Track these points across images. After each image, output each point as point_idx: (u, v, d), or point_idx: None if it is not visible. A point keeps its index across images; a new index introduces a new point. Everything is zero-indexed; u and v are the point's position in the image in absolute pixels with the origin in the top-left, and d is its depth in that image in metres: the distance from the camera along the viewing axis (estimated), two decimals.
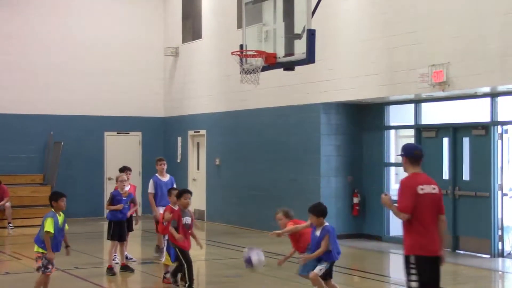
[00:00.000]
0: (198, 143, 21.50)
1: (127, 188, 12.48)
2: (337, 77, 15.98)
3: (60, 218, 9.20)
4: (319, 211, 9.07)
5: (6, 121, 20.71)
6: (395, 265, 14.61)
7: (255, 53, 11.52)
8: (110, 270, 11.89)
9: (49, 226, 8.97)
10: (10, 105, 20.73)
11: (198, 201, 21.03)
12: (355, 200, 16.66)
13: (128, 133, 22.60)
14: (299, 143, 17.07)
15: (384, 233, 16.19)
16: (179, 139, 22.03)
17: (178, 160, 21.88)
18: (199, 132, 21.22)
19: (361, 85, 15.45)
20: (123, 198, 12.21)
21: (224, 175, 19.89)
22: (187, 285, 9.96)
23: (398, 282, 12.05)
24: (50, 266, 9.03)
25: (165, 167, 13.34)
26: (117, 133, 22.42)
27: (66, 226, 9.35)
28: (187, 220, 10.03)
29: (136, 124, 22.59)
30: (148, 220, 17.99)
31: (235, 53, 12.04)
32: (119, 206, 12.05)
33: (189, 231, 10.15)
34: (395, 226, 16.17)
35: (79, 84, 21.59)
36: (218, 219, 19.87)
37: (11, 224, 19.00)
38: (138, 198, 21.49)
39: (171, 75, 22.73)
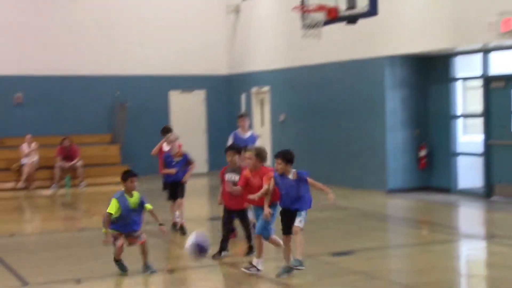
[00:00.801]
0: (261, 100, 21.53)
1: (174, 147, 11.99)
2: (402, 29, 15.72)
3: (133, 198, 8.77)
4: (291, 158, 8.52)
5: (74, 82, 21.11)
6: (464, 217, 14.50)
7: (316, 8, 11.41)
8: (174, 226, 11.87)
9: (110, 207, 8.62)
10: (77, 67, 21.08)
11: None
12: (422, 153, 16.49)
13: (192, 92, 22.77)
14: (363, 97, 16.93)
15: (452, 186, 16.01)
16: (243, 96, 22.10)
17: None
18: (262, 88, 21.24)
19: (426, 36, 15.17)
20: (175, 159, 11.89)
21: (289, 131, 19.90)
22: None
23: (467, 234, 11.96)
24: (119, 238, 8.69)
25: (246, 123, 12.82)
26: (182, 91, 22.62)
27: (148, 206, 8.86)
28: (232, 177, 9.63)
29: (200, 82, 22.73)
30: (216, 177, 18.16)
31: (296, 8, 11.95)
32: (172, 171, 11.78)
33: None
34: (464, 178, 16.00)
35: (143, 44, 21.77)
36: None
37: (83, 183, 19.52)
38: (203, 155, 21.99)
39: (233, 32, 22.71)
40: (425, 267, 9.30)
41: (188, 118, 22.40)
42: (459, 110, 16.13)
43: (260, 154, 8.75)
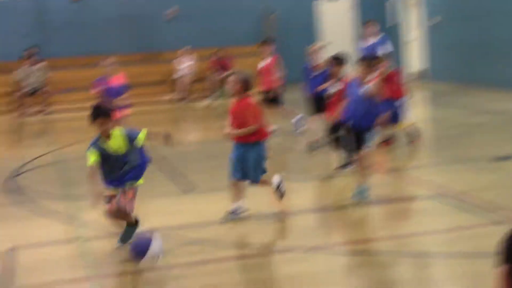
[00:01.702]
0: (414, 3, 20.86)
1: (317, 60, 11.31)
2: None
3: (113, 140, 6.47)
4: (374, 63, 7.93)
5: None
6: None
7: None
8: (316, 143, 11.03)
9: (88, 160, 6.44)
10: None
11: (420, 60, 20.67)
12: None
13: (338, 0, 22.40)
14: None
15: None
16: (389, 1, 21.48)
17: (392, 23, 21.45)
18: None
19: None
20: (315, 72, 11.16)
21: (446, 33, 19.21)
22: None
23: None
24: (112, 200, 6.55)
25: (368, 30, 12.28)
26: (328, 0, 22.29)
27: (140, 137, 6.54)
28: (331, 88, 9.44)
29: None
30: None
31: None
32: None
33: (331, 100, 9.38)
34: None
35: None
36: (443, 78, 19.44)
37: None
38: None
39: None
40: None
41: (335, 26, 22.12)
42: None
43: (245, 81, 7.27)
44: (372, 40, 12.55)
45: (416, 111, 16.28)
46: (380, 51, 12.10)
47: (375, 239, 6.95)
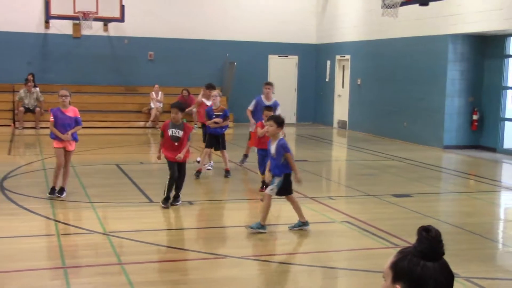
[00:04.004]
0: (343, 66, 21.24)
1: (216, 103, 10.93)
2: (465, 11, 15.10)
3: None
4: (282, 122, 7.34)
5: (194, 45, 21.36)
6: (507, 172, 14.04)
7: None
8: (198, 173, 10.88)
9: None
10: (197, 32, 21.32)
11: (341, 113, 20.98)
12: (475, 117, 15.97)
13: (287, 57, 22.66)
14: (428, 68, 16.45)
15: (498, 146, 15.49)
16: (328, 62, 21.85)
17: (327, 80, 21.79)
18: (344, 57, 20.92)
19: (486, 18, 14.53)
20: (215, 113, 10.87)
21: (364, 93, 19.63)
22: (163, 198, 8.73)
23: (508, 186, 11.60)
24: None
25: (270, 91, 11.46)
26: (278, 56, 22.55)
27: None
28: (174, 132, 8.77)
29: (294, 49, 22.58)
30: (302, 127, 18.06)
31: None
32: (210, 123, 10.81)
33: (176, 143, 8.76)
34: (509, 140, 15.45)
35: (248, 15, 21.76)
36: (358, 128, 19.78)
37: (196, 125, 19.87)
38: (293, 109, 22.00)
39: (323, 9, 22.35)
40: (470, 211, 9.13)
41: (282, 78, 22.37)
42: (509, 83, 15.48)
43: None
44: (270, 101, 11.78)
45: (336, 153, 16.56)
46: (278, 110, 11.77)
47: (293, 252, 7.00)
